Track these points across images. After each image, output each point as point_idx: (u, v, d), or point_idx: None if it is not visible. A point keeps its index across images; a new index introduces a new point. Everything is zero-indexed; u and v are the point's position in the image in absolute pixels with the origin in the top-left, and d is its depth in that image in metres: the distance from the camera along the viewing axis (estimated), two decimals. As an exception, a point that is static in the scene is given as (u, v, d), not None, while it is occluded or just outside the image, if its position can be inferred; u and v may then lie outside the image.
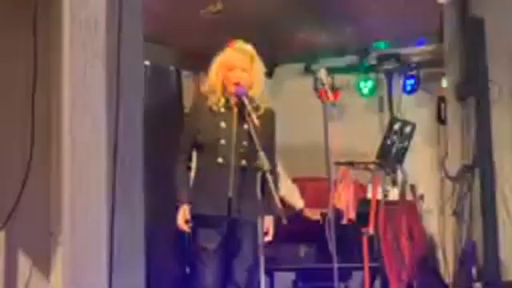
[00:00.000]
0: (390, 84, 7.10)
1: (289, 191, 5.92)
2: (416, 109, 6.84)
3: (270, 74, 6.88)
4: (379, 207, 5.44)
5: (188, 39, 6.22)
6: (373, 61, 7.01)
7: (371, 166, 5.53)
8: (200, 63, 4.98)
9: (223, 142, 4.14)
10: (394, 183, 6.18)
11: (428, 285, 5.88)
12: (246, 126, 4.12)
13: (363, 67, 7.07)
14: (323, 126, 4.34)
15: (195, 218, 4.17)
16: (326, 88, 4.40)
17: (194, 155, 4.33)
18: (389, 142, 5.47)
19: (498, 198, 5.59)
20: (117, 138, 3.05)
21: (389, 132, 5.50)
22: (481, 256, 5.56)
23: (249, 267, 4.17)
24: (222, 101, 4.22)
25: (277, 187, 4.12)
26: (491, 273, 5.50)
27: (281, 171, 5.29)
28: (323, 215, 5.44)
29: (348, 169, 5.54)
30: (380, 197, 5.54)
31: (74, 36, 3.23)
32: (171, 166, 4.29)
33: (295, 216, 5.79)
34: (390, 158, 5.50)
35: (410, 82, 7.01)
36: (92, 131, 3.13)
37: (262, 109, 4.23)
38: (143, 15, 3.74)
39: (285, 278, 6.22)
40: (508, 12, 5.61)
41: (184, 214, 4.16)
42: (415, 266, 5.71)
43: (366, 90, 7.18)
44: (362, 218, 5.41)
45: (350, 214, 5.44)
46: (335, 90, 6.21)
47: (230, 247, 4.20)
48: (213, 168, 4.16)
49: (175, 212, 4.20)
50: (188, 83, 6.89)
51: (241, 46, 4.30)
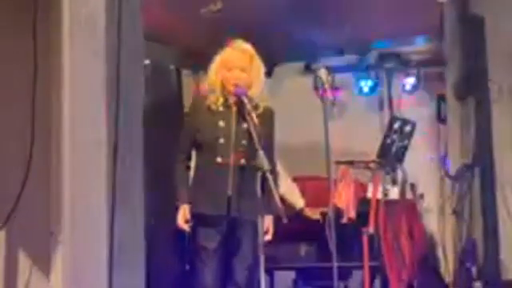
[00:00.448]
0: (389, 83, 7.09)
1: (289, 190, 5.91)
2: (416, 108, 6.84)
3: (269, 73, 6.88)
4: (379, 206, 5.44)
5: (188, 38, 6.21)
6: (373, 60, 7.01)
7: (371, 165, 5.52)
8: (200, 62, 4.97)
9: (222, 141, 4.14)
10: (394, 182, 6.19)
11: (428, 284, 5.88)
12: (244, 125, 4.12)
13: (363, 66, 7.07)
14: (323, 125, 4.34)
15: (195, 217, 4.17)
16: (326, 87, 4.40)
17: (194, 154, 4.33)
18: (389, 140, 5.47)
19: (498, 197, 5.59)
20: (117, 138, 3.05)
21: (389, 131, 5.49)
22: (481, 255, 5.56)
23: (249, 266, 4.16)
24: (221, 100, 4.21)
25: (276, 186, 4.12)
26: (491, 272, 5.50)
27: (281, 170, 5.29)
28: (323, 214, 5.44)
29: (348, 168, 5.54)
30: (380, 196, 5.54)
31: (74, 35, 3.23)
32: (171, 165, 4.29)
33: (295, 215, 5.79)
34: (390, 156, 5.50)
35: (410, 80, 7.01)
36: (92, 131, 3.13)
37: (261, 108, 4.23)
38: (143, 14, 3.74)
39: (285, 277, 6.23)
40: (508, 11, 5.61)
41: (184, 213, 4.16)
42: (415, 265, 5.71)
43: (366, 89, 7.18)
44: (362, 217, 5.41)
45: (350, 213, 5.43)
46: (335, 89, 6.22)
47: (229, 246, 4.19)
48: (212, 167, 4.16)
49: (175, 211, 4.20)
50: (188, 82, 6.89)
51: (240, 45, 4.29)
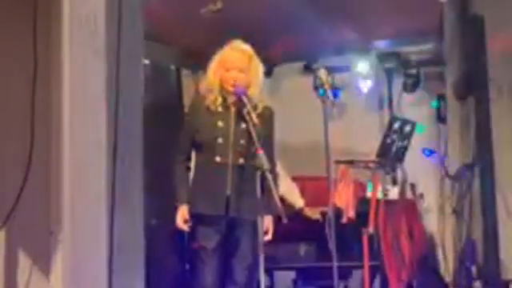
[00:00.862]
0: (389, 83, 7.09)
1: (288, 190, 5.91)
2: (416, 108, 6.83)
3: (269, 72, 6.88)
4: (379, 206, 5.44)
5: (188, 38, 6.21)
6: (373, 60, 7.01)
7: (371, 165, 5.52)
8: (200, 62, 4.97)
9: (221, 140, 4.14)
10: (393, 182, 6.18)
11: (428, 284, 5.88)
12: (243, 125, 4.12)
13: (363, 66, 7.06)
14: (323, 125, 4.34)
15: (194, 217, 4.17)
16: (326, 87, 4.40)
17: (193, 155, 4.33)
18: (389, 140, 5.46)
19: (498, 196, 5.58)
20: (117, 138, 3.05)
21: (389, 131, 5.49)
22: (480, 255, 5.56)
23: (248, 266, 4.16)
24: (220, 100, 4.22)
25: (276, 186, 4.11)
26: (491, 272, 5.49)
27: (280, 170, 5.29)
28: (323, 214, 5.44)
29: (348, 167, 5.54)
30: (380, 196, 5.53)
31: (74, 34, 3.23)
32: (171, 165, 4.29)
33: (295, 215, 5.78)
34: (390, 156, 5.50)
35: (410, 80, 7.00)
36: (92, 131, 3.13)
37: (260, 108, 4.23)
38: (143, 14, 3.74)
39: (285, 277, 6.22)
40: (508, 10, 5.60)
41: (183, 214, 4.16)
42: (415, 265, 5.70)
43: (365, 89, 7.18)
44: (361, 217, 5.41)
45: (350, 212, 5.43)
46: (335, 89, 6.21)
47: (229, 246, 4.19)
48: (211, 167, 4.16)
49: (175, 211, 4.21)
50: (188, 82, 6.88)
51: (239, 45, 4.29)
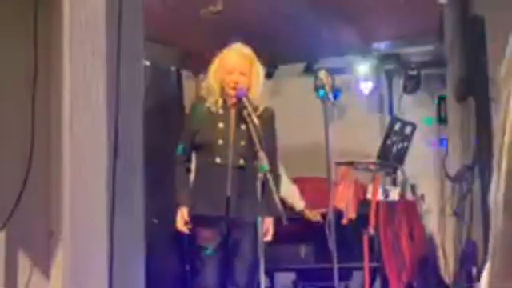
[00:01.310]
0: (390, 84, 7.09)
1: (289, 192, 5.90)
2: (416, 109, 6.83)
3: (270, 74, 6.88)
4: (379, 207, 5.44)
5: (189, 39, 6.21)
6: (373, 61, 7.01)
7: (372, 166, 5.52)
8: (201, 64, 4.97)
9: (221, 142, 4.14)
10: (394, 183, 6.19)
11: (428, 285, 5.88)
12: (243, 127, 4.13)
13: (363, 67, 7.06)
14: (323, 127, 4.34)
15: (194, 218, 4.17)
16: (327, 89, 4.40)
17: (194, 156, 4.34)
18: (389, 142, 5.46)
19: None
20: (117, 138, 3.05)
21: (389, 132, 5.49)
22: (481, 256, 5.55)
23: (249, 267, 4.16)
24: (220, 102, 4.22)
25: (278, 187, 4.12)
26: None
27: (281, 172, 5.28)
28: (323, 215, 5.44)
29: (348, 169, 5.54)
30: (380, 197, 5.53)
31: (74, 35, 3.23)
32: (171, 165, 4.29)
33: (295, 216, 5.78)
34: (391, 158, 5.50)
35: (411, 82, 7.00)
36: (92, 130, 3.13)
37: (261, 109, 4.23)
38: (143, 15, 3.74)
39: (285, 279, 6.22)
40: (508, 11, 5.60)
41: (183, 216, 4.16)
42: (415, 266, 5.70)
43: (366, 91, 7.18)
44: (362, 219, 5.41)
45: (351, 214, 5.43)
46: (335, 91, 6.21)
47: (229, 247, 4.19)
48: (211, 168, 4.16)
49: (175, 212, 4.21)
50: (188, 84, 6.89)
51: (240, 48, 4.29)
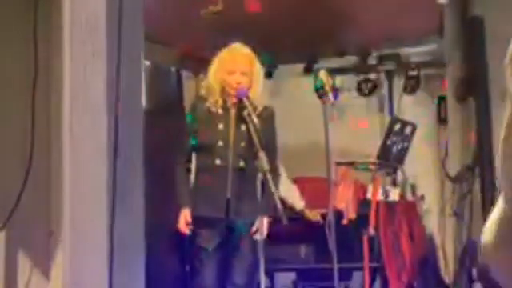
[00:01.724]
0: (390, 84, 7.09)
1: (289, 192, 5.91)
2: (416, 109, 6.83)
3: (270, 74, 6.88)
4: (379, 207, 5.44)
5: (189, 39, 6.21)
6: (373, 61, 7.01)
7: (372, 166, 5.52)
8: (201, 64, 4.97)
9: (221, 143, 4.15)
10: (394, 183, 6.18)
11: (428, 285, 5.88)
12: (243, 128, 4.13)
13: (363, 67, 7.06)
14: (323, 127, 4.34)
15: (194, 219, 4.17)
16: (327, 89, 4.41)
17: (194, 157, 4.34)
18: (389, 142, 5.47)
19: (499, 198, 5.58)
20: (117, 138, 3.05)
21: (389, 132, 5.49)
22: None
23: (248, 267, 4.17)
24: (220, 102, 4.22)
25: (277, 187, 4.12)
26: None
27: (281, 171, 5.29)
28: (323, 215, 5.44)
29: (348, 169, 5.54)
30: (380, 197, 5.53)
31: (75, 36, 3.22)
32: (171, 166, 4.29)
33: (295, 216, 5.78)
34: (391, 158, 5.50)
35: (411, 82, 7.00)
36: (92, 131, 3.13)
37: (260, 109, 4.24)
38: (144, 15, 3.73)
39: (285, 279, 6.22)
40: (508, 12, 5.60)
41: (185, 217, 4.16)
42: (415, 267, 5.70)
43: (366, 91, 7.18)
44: (362, 219, 5.41)
45: (351, 214, 5.43)
46: (335, 91, 6.21)
47: (229, 247, 4.20)
48: (211, 170, 4.17)
49: (175, 212, 4.21)
50: (189, 84, 6.89)
51: (240, 48, 4.29)
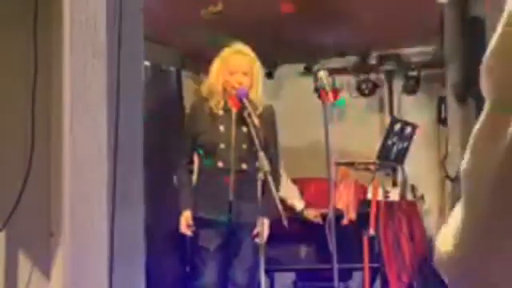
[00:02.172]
0: (390, 85, 7.09)
1: (289, 192, 5.91)
2: (416, 109, 6.84)
3: (270, 74, 6.89)
4: (380, 208, 5.44)
5: (189, 39, 6.21)
6: (373, 61, 7.01)
7: (372, 167, 5.52)
8: (201, 64, 4.97)
9: (222, 146, 4.14)
10: (394, 184, 6.18)
11: (428, 285, 5.87)
12: (245, 129, 4.13)
13: (363, 67, 7.07)
14: (323, 127, 4.34)
15: (196, 220, 4.17)
16: (327, 89, 4.41)
17: (196, 158, 4.33)
18: (389, 142, 5.47)
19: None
20: (117, 138, 3.05)
21: (389, 133, 5.49)
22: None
23: (249, 268, 4.17)
24: (221, 103, 4.22)
25: (278, 188, 4.12)
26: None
27: (281, 172, 5.28)
28: (323, 216, 5.44)
29: (348, 169, 5.54)
30: (380, 197, 5.53)
31: (74, 36, 3.22)
32: (172, 166, 4.29)
33: (295, 217, 5.78)
34: (391, 158, 5.50)
35: (411, 82, 7.00)
36: (92, 131, 3.13)
37: (261, 109, 4.24)
38: (143, 15, 3.74)
39: (285, 279, 6.22)
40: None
41: (186, 219, 4.17)
42: (415, 267, 5.70)
43: (366, 91, 7.18)
44: (362, 219, 5.41)
45: (351, 214, 5.43)
46: (335, 91, 6.21)
47: (230, 248, 4.20)
48: (213, 172, 4.17)
49: (176, 213, 4.21)
50: (188, 84, 6.89)
51: (241, 48, 4.30)
